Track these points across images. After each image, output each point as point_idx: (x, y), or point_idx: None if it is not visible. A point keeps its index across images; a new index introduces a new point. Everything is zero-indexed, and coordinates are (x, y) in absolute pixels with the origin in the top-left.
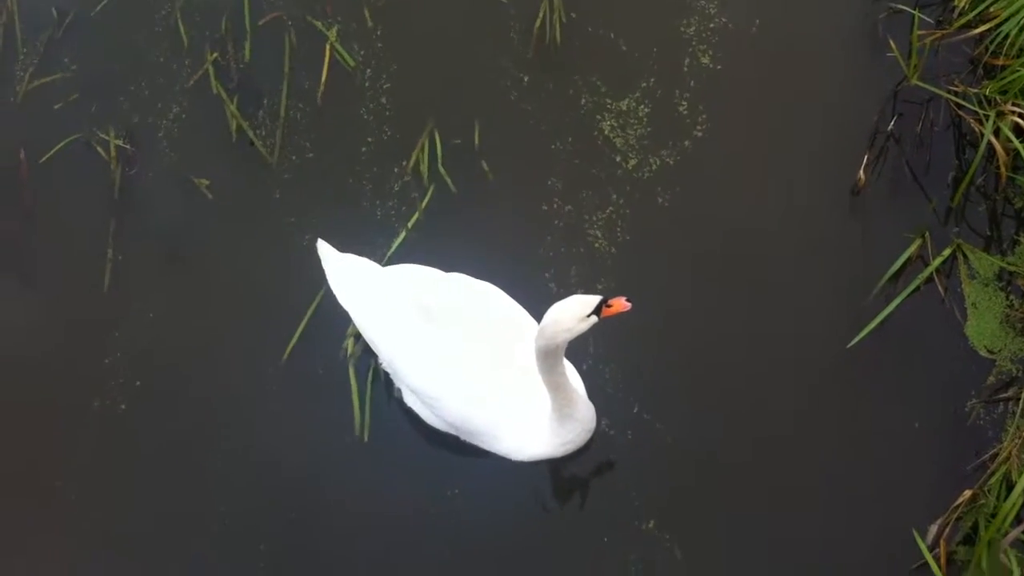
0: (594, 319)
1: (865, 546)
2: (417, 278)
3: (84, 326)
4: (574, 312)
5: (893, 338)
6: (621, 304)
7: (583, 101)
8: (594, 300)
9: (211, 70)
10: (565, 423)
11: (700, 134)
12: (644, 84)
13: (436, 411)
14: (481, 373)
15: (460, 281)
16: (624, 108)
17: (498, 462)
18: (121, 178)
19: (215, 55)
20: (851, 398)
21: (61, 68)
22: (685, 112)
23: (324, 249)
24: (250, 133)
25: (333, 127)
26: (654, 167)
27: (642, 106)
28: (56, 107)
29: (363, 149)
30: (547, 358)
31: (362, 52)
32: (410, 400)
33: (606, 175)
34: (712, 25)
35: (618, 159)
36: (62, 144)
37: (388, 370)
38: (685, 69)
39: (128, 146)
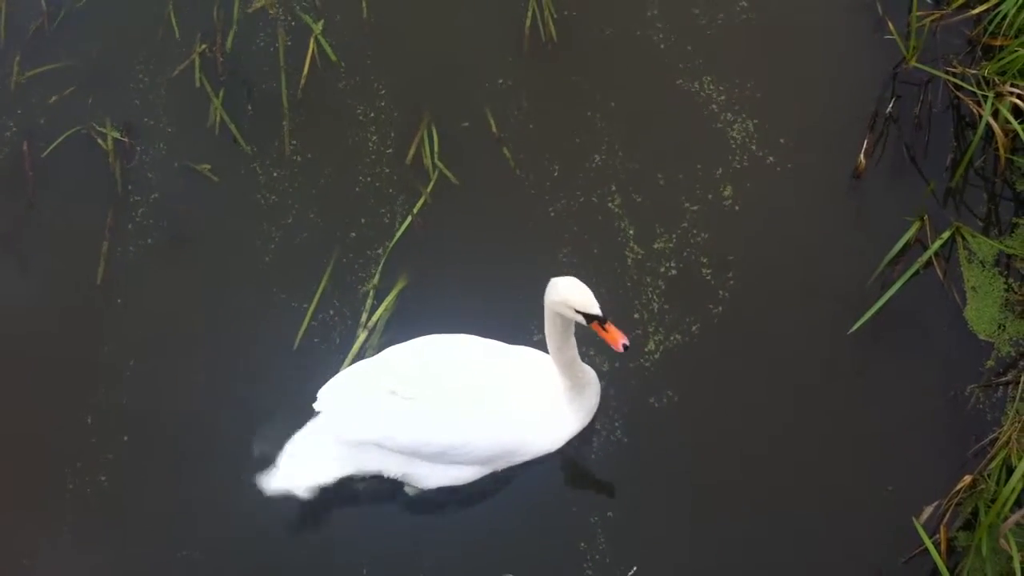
0: (581, 319)
1: (865, 532)
2: (356, 385)
3: (79, 316)
4: (571, 298)
5: (893, 323)
6: (616, 338)
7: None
8: (593, 306)
9: (197, 61)
10: (584, 392)
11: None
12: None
13: (467, 457)
14: (486, 396)
15: (396, 352)
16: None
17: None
18: (121, 171)
19: (203, 47)
20: (850, 384)
21: (55, 60)
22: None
23: (276, 486)
24: (232, 127)
25: (318, 119)
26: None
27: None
28: (52, 99)
29: (352, 143)
30: (555, 334)
31: (349, 47)
32: (433, 481)
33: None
34: None
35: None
36: (63, 138)
37: (399, 474)
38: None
39: (126, 138)
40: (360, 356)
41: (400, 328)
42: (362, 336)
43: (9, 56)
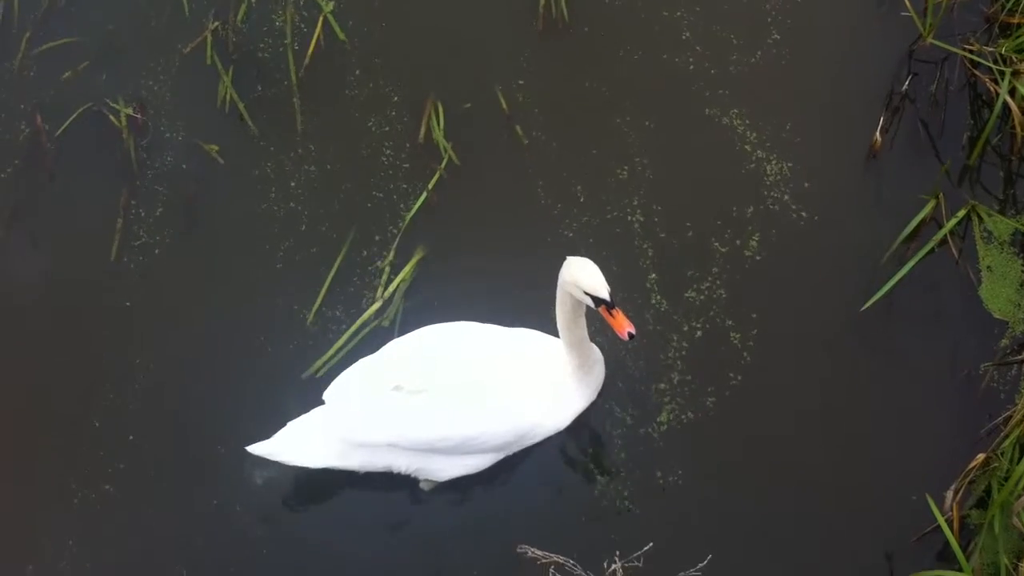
0: (590, 301)
1: (878, 509)
2: (361, 383)
3: (93, 290)
4: (581, 279)
5: (907, 301)
6: (622, 325)
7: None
8: (602, 290)
9: (209, 39)
10: (591, 370)
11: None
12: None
13: (483, 446)
14: (496, 384)
15: (397, 345)
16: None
17: None
18: (135, 148)
19: (215, 24)
20: (863, 361)
21: (68, 35)
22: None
23: (261, 449)
24: (240, 106)
25: (327, 98)
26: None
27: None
28: (65, 75)
29: (362, 123)
30: (565, 312)
31: (360, 26)
32: (448, 473)
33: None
34: None
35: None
36: (76, 114)
37: (412, 470)
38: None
39: (139, 115)
40: (374, 331)
41: (416, 305)
42: (375, 306)
43: (22, 30)
